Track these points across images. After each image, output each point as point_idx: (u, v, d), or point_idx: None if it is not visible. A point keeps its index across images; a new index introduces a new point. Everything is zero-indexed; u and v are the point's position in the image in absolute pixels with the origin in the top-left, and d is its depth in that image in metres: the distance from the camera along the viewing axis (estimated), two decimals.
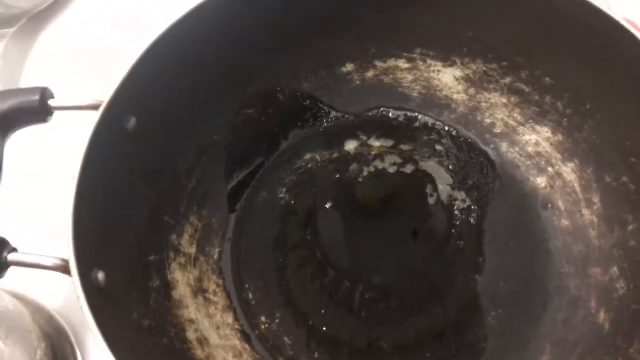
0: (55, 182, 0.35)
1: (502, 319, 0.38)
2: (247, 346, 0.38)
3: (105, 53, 0.52)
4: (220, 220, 0.42)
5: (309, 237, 0.42)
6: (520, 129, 0.44)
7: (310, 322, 0.39)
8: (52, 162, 0.45)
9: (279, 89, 0.46)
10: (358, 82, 0.47)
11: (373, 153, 0.45)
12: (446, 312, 0.39)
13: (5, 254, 0.30)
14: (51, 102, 0.34)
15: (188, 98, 0.40)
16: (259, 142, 0.45)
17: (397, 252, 0.41)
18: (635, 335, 0.34)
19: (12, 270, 0.37)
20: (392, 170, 0.44)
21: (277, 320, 0.39)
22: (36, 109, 0.34)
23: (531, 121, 0.44)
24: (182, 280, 0.38)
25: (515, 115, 0.44)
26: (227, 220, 0.42)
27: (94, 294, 0.29)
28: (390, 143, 0.45)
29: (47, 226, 0.36)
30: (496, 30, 0.42)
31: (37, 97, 0.34)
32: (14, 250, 0.30)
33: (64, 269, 0.29)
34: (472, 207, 0.43)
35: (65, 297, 0.43)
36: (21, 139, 0.36)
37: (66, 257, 0.29)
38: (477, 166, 0.44)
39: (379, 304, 0.39)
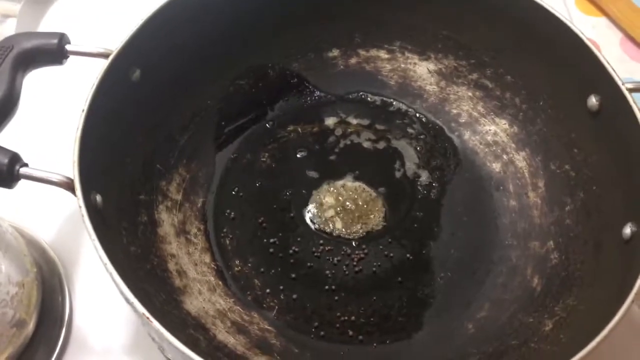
0: (66, 115, 0.39)
1: (449, 280, 0.43)
2: (220, 282, 0.42)
3: (118, 14, 0.57)
4: (206, 174, 0.46)
5: (284, 197, 0.46)
6: (482, 120, 0.49)
7: (279, 269, 0.43)
8: (64, 100, 0.49)
9: (270, 65, 0.50)
10: (342, 66, 0.52)
11: (350, 130, 0.50)
12: (399, 270, 0.43)
13: (17, 167, 0.33)
14: (67, 47, 0.39)
15: (189, 62, 0.45)
16: (247, 110, 0.50)
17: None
18: (561, 296, 0.39)
19: (11, 201, 0.40)
20: (366, 145, 0.49)
21: (249, 264, 0.43)
22: (54, 51, 0.38)
23: (492, 113, 0.49)
24: (167, 221, 0.42)
25: (479, 108, 0.50)
26: (212, 174, 0.47)
27: (92, 212, 0.33)
28: (366, 122, 0.50)
29: (55, 152, 0.39)
30: (468, 30, 0.48)
31: (55, 40, 0.38)
32: (25, 164, 0.34)
33: (68, 185, 0.33)
34: (434, 184, 0.47)
35: (58, 232, 0.47)
36: (39, 78, 0.40)
37: (71, 176, 0.34)
38: (442, 150, 0.49)
39: (343, 259, 0.44)
